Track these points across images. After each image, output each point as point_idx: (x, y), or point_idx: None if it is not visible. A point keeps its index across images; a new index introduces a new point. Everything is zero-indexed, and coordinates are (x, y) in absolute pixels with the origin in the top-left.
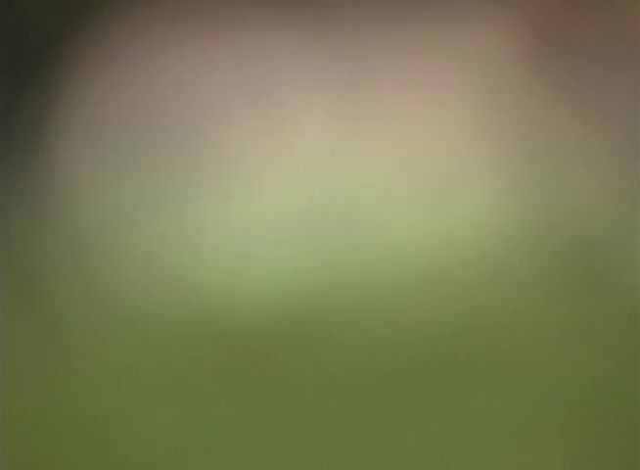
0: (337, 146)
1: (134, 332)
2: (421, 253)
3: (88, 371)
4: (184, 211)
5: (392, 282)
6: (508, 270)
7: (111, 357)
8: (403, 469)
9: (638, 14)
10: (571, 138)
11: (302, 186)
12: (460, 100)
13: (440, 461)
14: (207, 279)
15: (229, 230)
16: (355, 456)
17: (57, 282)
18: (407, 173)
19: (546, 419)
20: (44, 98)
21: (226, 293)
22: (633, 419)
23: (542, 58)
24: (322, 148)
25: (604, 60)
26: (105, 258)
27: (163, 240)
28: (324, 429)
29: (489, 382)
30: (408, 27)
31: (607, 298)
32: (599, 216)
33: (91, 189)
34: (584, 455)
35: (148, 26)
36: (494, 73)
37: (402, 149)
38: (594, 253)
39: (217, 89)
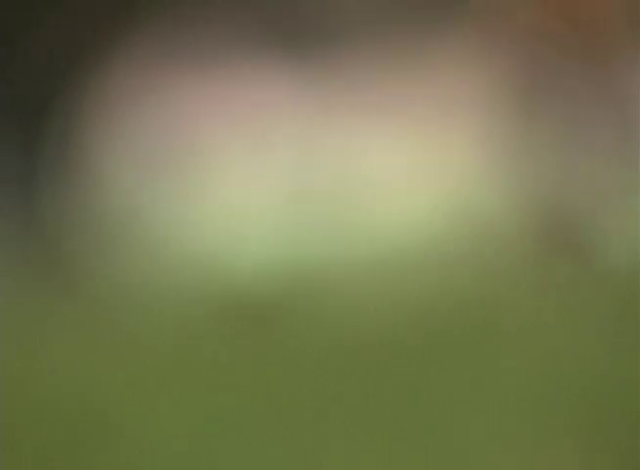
0: (328, 136)
1: (151, 311)
2: (415, 232)
3: (106, 347)
4: (191, 204)
5: (388, 258)
6: (501, 251)
7: (127, 330)
8: (396, 438)
9: (618, 61)
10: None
11: (298, 174)
12: (461, 107)
13: (434, 430)
14: (214, 261)
15: (232, 218)
16: (350, 424)
17: (83, 268)
18: (399, 157)
19: (537, 388)
20: (75, 105)
21: (229, 271)
22: (621, 386)
23: (532, 86)
24: (315, 138)
25: (585, 96)
26: (125, 248)
27: (174, 230)
28: (322, 398)
29: (482, 354)
30: (408, 62)
31: (595, 274)
32: (587, 200)
33: (115, 187)
34: (577, 422)
35: (160, 56)
36: (493, 89)
37: (394, 134)
38: (582, 232)
39: (220, 111)
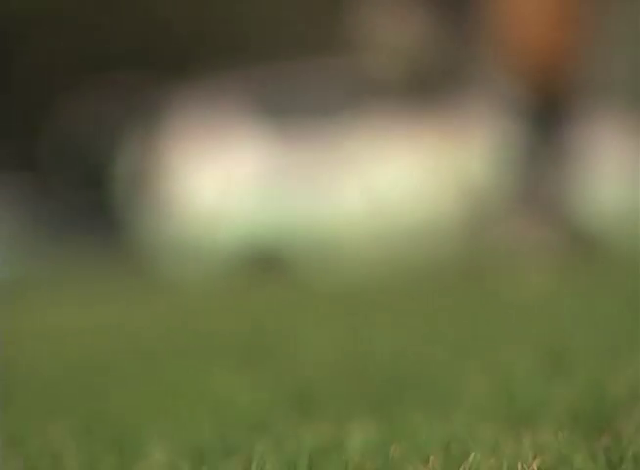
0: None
1: (197, 263)
2: (412, 195)
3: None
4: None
5: (385, 218)
6: (489, 219)
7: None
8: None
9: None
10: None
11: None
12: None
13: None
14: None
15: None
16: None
17: (156, 254)
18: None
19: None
20: (152, 119)
21: (253, 234)
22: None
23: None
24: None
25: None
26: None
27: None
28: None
29: (471, 301)
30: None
31: (568, 236)
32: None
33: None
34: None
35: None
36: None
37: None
38: (557, 208)
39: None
